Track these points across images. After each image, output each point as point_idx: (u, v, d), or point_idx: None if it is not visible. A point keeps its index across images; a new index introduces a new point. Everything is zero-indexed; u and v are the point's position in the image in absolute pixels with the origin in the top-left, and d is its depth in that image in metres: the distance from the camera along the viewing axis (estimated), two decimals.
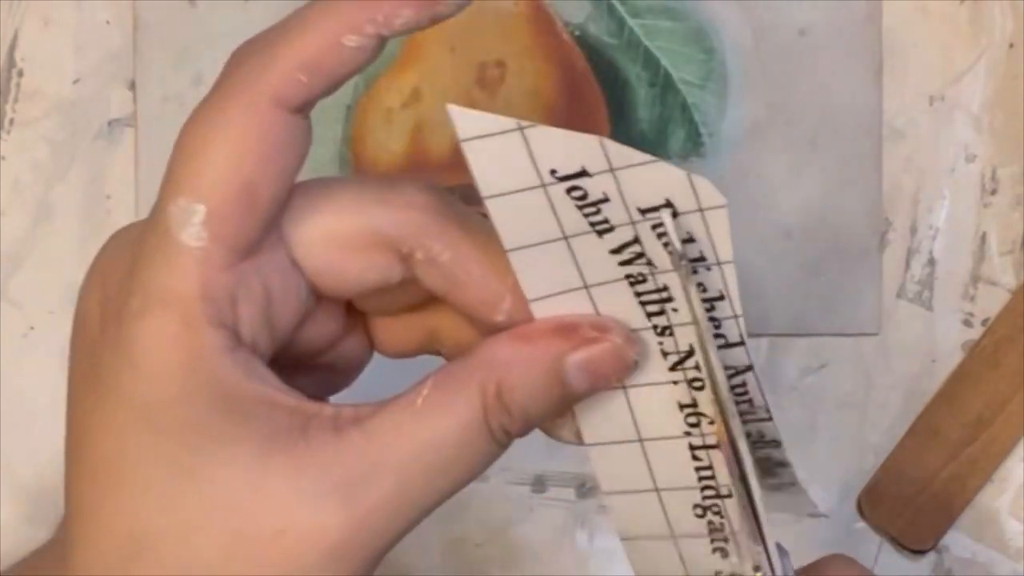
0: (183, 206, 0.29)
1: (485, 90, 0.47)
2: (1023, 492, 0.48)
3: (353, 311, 0.33)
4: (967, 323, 0.48)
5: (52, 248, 0.49)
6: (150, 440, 0.30)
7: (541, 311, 0.30)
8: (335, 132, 0.48)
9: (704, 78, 0.48)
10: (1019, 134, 0.48)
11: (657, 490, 0.31)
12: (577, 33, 0.48)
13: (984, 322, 0.48)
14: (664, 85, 0.48)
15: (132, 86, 0.48)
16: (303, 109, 0.30)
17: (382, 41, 0.29)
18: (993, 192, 0.48)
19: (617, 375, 0.30)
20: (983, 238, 0.49)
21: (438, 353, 0.33)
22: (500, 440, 0.31)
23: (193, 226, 0.29)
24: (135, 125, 0.49)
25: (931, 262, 0.49)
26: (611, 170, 0.28)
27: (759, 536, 0.31)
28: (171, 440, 0.30)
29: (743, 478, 0.30)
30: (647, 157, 0.27)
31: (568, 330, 0.30)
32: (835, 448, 0.48)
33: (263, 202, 0.30)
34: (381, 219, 0.31)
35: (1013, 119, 0.48)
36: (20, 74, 0.48)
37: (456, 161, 0.49)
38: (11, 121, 0.49)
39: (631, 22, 0.48)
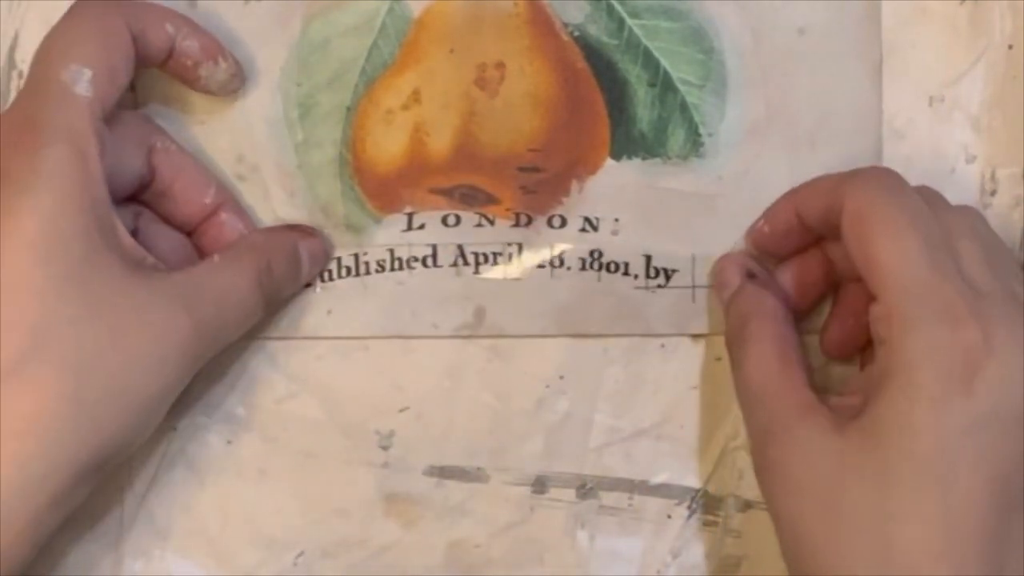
0: (75, 69, 0.41)
1: (485, 91, 0.47)
2: None
3: None
4: None
5: None
6: (46, 245, 0.39)
7: None
8: (335, 134, 0.48)
9: (703, 78, 0.48)
10: (1019, 134, 0.48)
11: None
12: (577, 33, 0.48)
13: None
14: (664, 85, 0.48)
15: (132, 87, 0.48)
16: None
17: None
18: (993, 192, 0.48)
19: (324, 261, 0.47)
20: None
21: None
22: (265, 292, 0.45)
23: (84, 83, 0.41)
24: None
25: None
26: None
27: None
28: (67, 247, 0.40)
29: None
30: None
31: (298, 227, 0.47)
32: None
33: (120, 81, 0.43)
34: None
35: (1013, 119, 0.48)
36: (20, 75, 0.48)
37: (456, 162, 0.49)
38: None
39: (630, 22, 0.48)
